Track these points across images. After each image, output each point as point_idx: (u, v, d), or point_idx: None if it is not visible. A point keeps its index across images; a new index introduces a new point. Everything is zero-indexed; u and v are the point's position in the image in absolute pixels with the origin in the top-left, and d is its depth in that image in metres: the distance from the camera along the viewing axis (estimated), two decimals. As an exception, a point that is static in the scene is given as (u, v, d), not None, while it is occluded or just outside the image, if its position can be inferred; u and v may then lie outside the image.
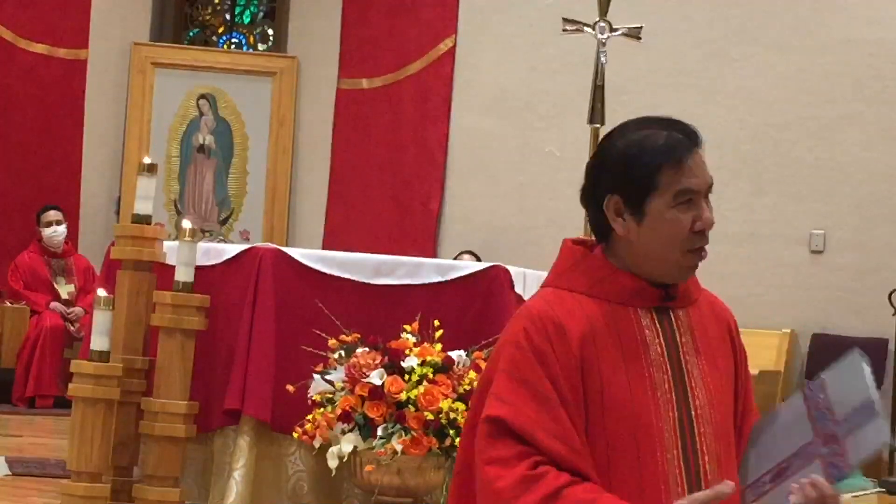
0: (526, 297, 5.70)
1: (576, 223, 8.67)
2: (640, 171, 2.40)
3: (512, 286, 5.52)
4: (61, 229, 10.28)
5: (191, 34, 12.18)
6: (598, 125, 8.18)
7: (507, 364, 2.39)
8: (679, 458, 2.38)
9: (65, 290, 10.26)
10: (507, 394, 2.36)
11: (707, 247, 2.43)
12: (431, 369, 4.89)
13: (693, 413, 2.40)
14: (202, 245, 5.54)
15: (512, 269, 5.57)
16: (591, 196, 2.50)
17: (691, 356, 2.44)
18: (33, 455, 7.24)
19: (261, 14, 12.24)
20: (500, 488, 2.31)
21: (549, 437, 2.32)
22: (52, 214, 10.30)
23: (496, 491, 2.31)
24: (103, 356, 5.10)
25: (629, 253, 2.44)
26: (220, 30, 12.28)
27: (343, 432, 4.89)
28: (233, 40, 12.21)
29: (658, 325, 2.44)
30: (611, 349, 2.39)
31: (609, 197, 2.44)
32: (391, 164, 11.04)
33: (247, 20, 12.28)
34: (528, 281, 5.75)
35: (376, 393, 4.85)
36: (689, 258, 2.42)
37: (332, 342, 5.05)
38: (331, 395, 4.95)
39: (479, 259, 9.52)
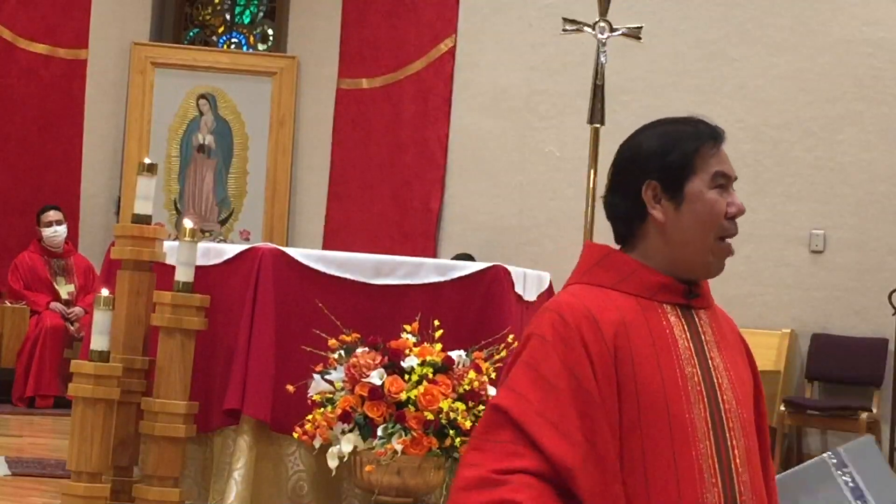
0: (526, 297, 5.70)
1: (576, 223, 8.68)
2: (679, 153, 2.47)
3: (512, 286, 5.52)
4: (61, 229, 10.28)
5: (191, 34, 12.18)
6: (598, 125, 8.18)
7: (527, 355, 2.38)
8: (712, 451, 2.40)
9: (65, 290, 10.27)
10: (519, 384, 2.35)
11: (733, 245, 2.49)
12: (431, 369, 4.89)
13: (722, 408, 2.43)
14: (202, 245, 5.54)
15: (512, 269, 5.57)
16: (619, 193, 2.51)
17: (716, 354, 2.48)
18: (33, 455, 7.24)
19: (261, 14, 12.24)
20: (462, 476, 2.30)
21: (547, 428, 2.30)
22: (52, 214, 10.30)
23: (459, 476, 2.32)
24: (103, 356, 5.10)
25: (662, 243, 2.47)
26: (220, 30, 12.28)
27: (343, 432, 4.89)
28: (233, 40, 12.21)
29: (683, 322, 2.47)
30: (642, 341, 2.41)
31: (647, 183, 2.47)
32: (391, 163, 11.04)
33: (247, 20, 12.28)
34: (528, 281, 5.74)
35: (376, 393, 4.85)
36: (722, 247, 2.47)
37: (332, 342, 5.05)
38: (331, 395, 4.95)
39: (473, 261, 9.52)
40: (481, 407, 4.83)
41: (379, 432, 4.84)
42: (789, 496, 2.51)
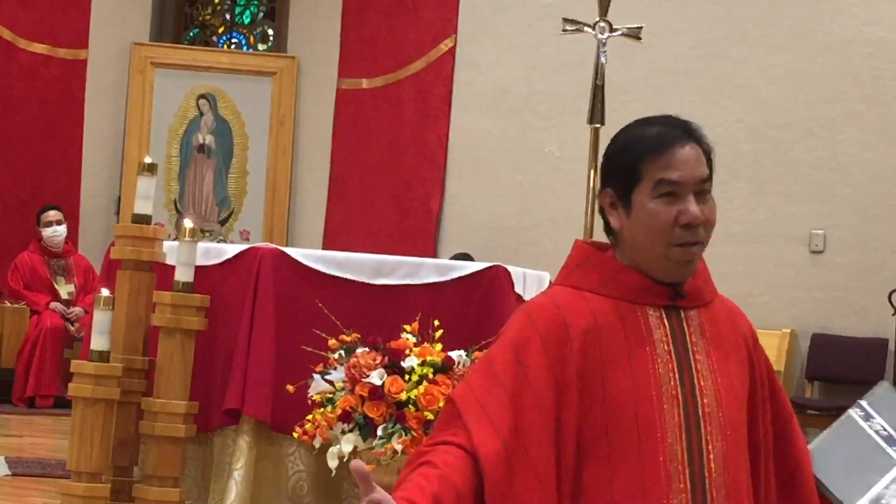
0: (526, 297, 5.70)
1: (576, 223, 8.68)
2: (625, 161, 2.42)
3: (512, 286, 5.52)
4: (61, 229, 10.28)
5: (191, 34, 12.19)
6: (598, 125, 8.18)
7: (489, 352, 2.43)
8: (683, 455, 2.38)
9: (65, 290, 10.27)
10: (472, 377, 2.40)
11: (706, 245, 2.42)
12: (431, 369, 4.88)
13: (700, 412, 2.40)
14: (202, 245, 5.53)
15: (512, 269, 5.57)
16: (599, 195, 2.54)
17: (702, 356, 2.44)
18: (33, 455, 7.24)
19: (261, 14, 12.24)
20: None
21: (479, 414, 2.33)
22: (52, 214, 10.30)
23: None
24: (103, 356, 5.10)
25: (628, 248, 2.46)
26: (220, 30, 12.28)
27: (343, 432, 4.88)
28: (233, 40, 12.22)
29: (667, 323, 2.44)
30: (616, 345, 2.40)
31: (604, 190, 2.46)
32: (391, 164, 11.04)
33: (247, 20, 12.28)
34: (528, 281, 5.74)
35: (376, 393, 4.84)
36: (676, 253, 2.40)
37: (332, 342, 5.04)
38: (331, 395, 4.95)
39: (473, 261, 9.52)
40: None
41: (379, 432, 4.84)
42: (826, 461, 2.52)
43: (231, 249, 5.62)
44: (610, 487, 2.36)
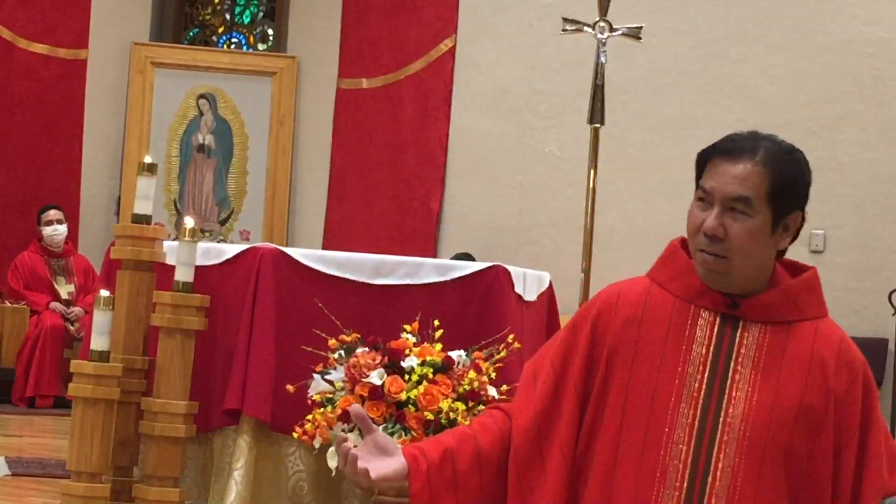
0: (526, 297, 5.70)
1: (576, 223, 8.68)
2: (697, 161, 2.56)
3: (512, 286, 5.51)
4: (62, 228, 10.30)
5: (191, 34, 12.19)
6: (598, 125, 8.18)
7: (569, 322, 2.66)
8: (687, 455, 2.39)
9: (65, 289, 10.27)
10: (545, 345, 2.66)
11: (733, 262, 2.46)
12: (431, 369, 4.88)
13: (721, 419, 2.40)
14: (202, 245, 5.53)
15: (512, 269, 5.56)
16: None
17: (745, 368, 2.43)
18: (33, 455, 7.24)
19: (261, 14, 12.24)
20: None
21: (527, 385, 2.60)
22: (53, 214, 10.31)
23: None
24: (103, 356, 5.10)
25: None
26: (220, 30, 12.28)
27: (343, 432, 4.88)
28: (233, 40, 12.22)
29: (716, 330, 2.47)
30: (654, 337, 2.48)
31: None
32: (391, 163, 11.04)
33: (247, 20, 12.28)
34: (528, 281, 5.74)
35: (376, 393, 4.84)
36: (699, 258, 2.49)
37: (332, 342, 5.04)
38: (331, 395, 4.95)
39: (473, 261, 9.52)
40: (481, 407, 4.82)
41: (379, 432, 4.83)
42: None
43: (231, 249, 5.62)
44: (612, 471, 2.42)
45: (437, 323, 4.98)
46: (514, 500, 2.50)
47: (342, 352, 5.01)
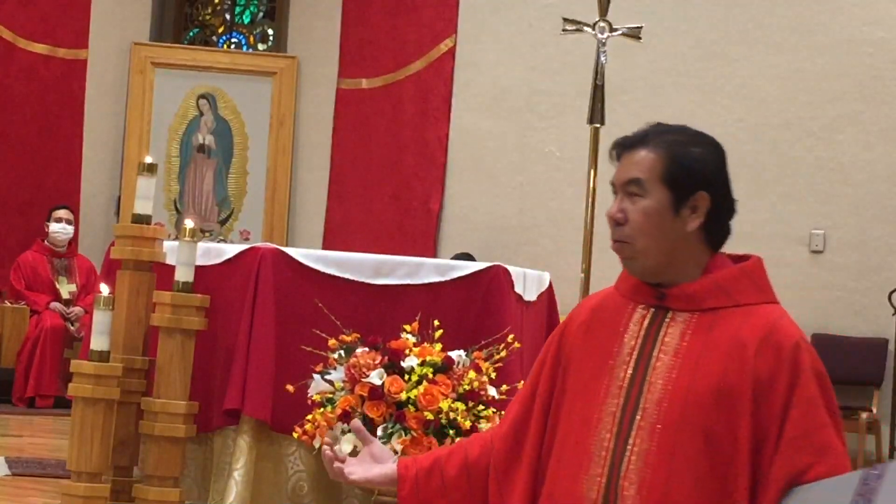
0: (526, 297, 5.70)
1: (575, 223, 8.68)
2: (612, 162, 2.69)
3: (512, 286, 5.51)
4: (69, 228, 10.34)
5: (191, 34, 12.19)
6: (598, 125, 8.18)
7: None
8: (609, 443, 2.45)
9: (66, 289, 10.27)
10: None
11: (636, 245, 2.51)
12: (431, 369, 4.88)
13: (640, 405, 2.45)
14: (202, 245, 5.53)
15: (512, 269, 5.57)
16: None
17: (667, 356, 2.47)
18: (33, 455, 7.24)
19: (261, 14, 12.24)
20: None
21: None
22: (63, 213, 10.38)
23: None
24: (103, 356, 5.10)
25: None
26: (220, 30, 12.28)
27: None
28: (233, 40, 12.21)
29: (647, 322, 2.52)
30: (595, 339, 2.57)
31: None
32: (391, 163, 11.04)
33: (247, 20, 12.28)
34: (528, 281, 5.74)
35: (376, 393, 4.84)
36: (614, 248, 2.58)
37: (332, 342, 5.04)
38: (331, 395, 4.95)
39: (473, 261, 9.52)
40: (481, 407, 4.83)
41: (379, 432, 4.84)
42: None
43: (231, 249, 5.62)
44: (557, 468, 2.53)
45: (436, 323, 4.99)
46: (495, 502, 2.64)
47: (342, 352, 5.01)
